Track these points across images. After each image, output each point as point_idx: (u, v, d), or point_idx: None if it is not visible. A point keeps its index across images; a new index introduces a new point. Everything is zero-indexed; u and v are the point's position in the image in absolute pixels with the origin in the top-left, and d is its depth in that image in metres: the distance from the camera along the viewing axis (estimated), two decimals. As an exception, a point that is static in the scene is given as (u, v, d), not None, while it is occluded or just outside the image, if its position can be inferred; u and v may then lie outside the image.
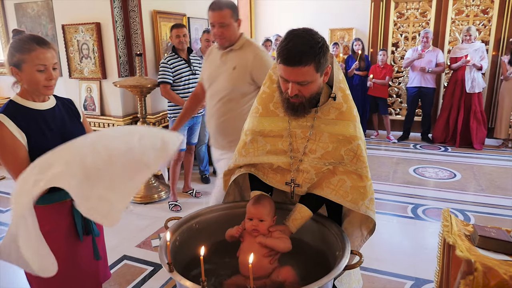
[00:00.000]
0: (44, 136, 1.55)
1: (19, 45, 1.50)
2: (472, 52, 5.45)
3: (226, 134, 2.33)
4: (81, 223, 1.67)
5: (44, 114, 1.59)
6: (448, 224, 1.37)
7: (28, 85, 1.53)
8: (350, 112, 1.56)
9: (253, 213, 1.53)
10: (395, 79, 6.65)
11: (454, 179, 4.55)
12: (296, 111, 1.51)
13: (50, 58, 1.53)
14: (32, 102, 1.57)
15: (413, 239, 3.23)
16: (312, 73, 1.39)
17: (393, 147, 5.92)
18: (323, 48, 1.38)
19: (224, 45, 2.23)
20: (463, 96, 5.60)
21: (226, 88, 2.25)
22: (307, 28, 1.43)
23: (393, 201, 3.94)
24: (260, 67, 2.20)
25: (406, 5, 6.33)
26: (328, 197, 1.56)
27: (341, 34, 6.69)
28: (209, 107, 2.38)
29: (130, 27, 4.15)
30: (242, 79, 2.22)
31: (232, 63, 2.23)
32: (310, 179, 1.57)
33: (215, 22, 2.16)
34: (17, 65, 1.51)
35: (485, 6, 5.97)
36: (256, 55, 2.22)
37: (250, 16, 7.00)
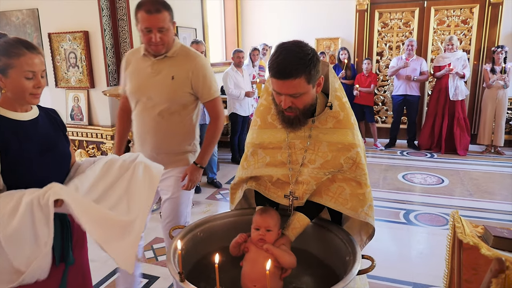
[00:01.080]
0: (24, 149, 1.40)
1: (5, 48, 1.36)
2: (455, 60, 5.61)
3: (170, 150, 2.13)
4: (59, 247, 1.49)
5: (26, 125, 1.44)
6: (460, 226, 1.38)
7: (13, 92, 1.39)
8: (348, 120, 1.56)
9: (260, 223, 1.51)
10: (380, 88, 6.78)
11: (442, 184, 4.63)
12: (291, 124, 1.52)
13: (39, 64, 1.40)
14: (13, 112, 1.42)
15: (408, 244, 3.25)
16: (304, 85, 1.39)
17: (381, 154, 6.00)
18: (313, 60, 1.38)
19: (161, 52, 1.97)
20: (447, 103, 5.74)
21: (165, 100, 2.02)
22: (296, 41, 1.43)
23: (385, 207, 3.97)
24: (202, 76, 2.04)
25: (390, 15, 6.49)
26: (327, 204, 1.56)
27: (327, 43, 6.79)
28: (141, 123, 2.10)
29: (119, 35, 4.10)
30: (182, 89, 2.03)
31: (169, 72, 2.00)
32: (310, 190, 1.56)
33: (152, 26, 1.88)
34: (3, 70, 1.36)
35: (465, 16, 6.17)
36: (197, 63, 2.03)
37: (237, 26, 7.03)
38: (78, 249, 1.61)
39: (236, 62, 5.08)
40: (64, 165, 1.55)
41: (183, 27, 5.17)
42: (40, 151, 1.44)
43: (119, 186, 1.50)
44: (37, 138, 1.45)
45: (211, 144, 2.20)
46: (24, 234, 1.27)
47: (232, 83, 5.01)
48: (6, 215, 1.26)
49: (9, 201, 1.28)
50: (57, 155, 1.51)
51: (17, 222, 1.25)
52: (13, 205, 1.27)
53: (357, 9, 6.46)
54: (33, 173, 1.41)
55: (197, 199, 4.28)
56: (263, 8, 6.96)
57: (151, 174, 1.56)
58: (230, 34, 7.08)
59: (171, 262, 1.35)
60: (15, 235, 1.25)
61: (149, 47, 1.96)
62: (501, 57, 5.51)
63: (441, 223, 3.59)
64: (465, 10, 6.14)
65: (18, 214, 1.25)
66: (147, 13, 1.85)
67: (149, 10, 1.85)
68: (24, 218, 1.26)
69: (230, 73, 5.04)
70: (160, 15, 1.86)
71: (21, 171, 1.39)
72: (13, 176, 1.37)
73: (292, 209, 1.62)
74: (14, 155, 1.36)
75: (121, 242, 1.41)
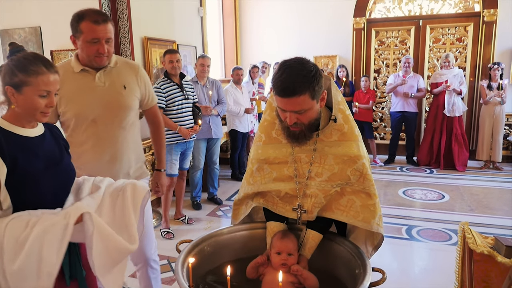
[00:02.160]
0: (31, 165, 1.38)
1: (24, 64, 1.33)
2: (452, 77, 5.69)
3: (139, 161, 2.14)
4: (68, 266, 1.48)
5: (33, 142, 1.42)
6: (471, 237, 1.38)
7: (24, 109, 1.36)
8: (352, 132, 1.58)
9: (282, 247, 1.52)
10: (378, 104, 6.84)
11: (443, 200, 4.62)
12: (297, 138, 1.54)
13: (55, 84, 1.38)
14: (21, 128, 1.40)
15: (411, 260, 3.22)
16: (308, 101, 1.41)
17: (380, 170, 6.00)
18: (316, 76, 1.41)
19: (105, 64, 1.92)
20: (445, 119, 5.79)
21: (125, 111, 1.99)
22: (299, 58, 1.45)
23: (386, 223, 3.95)
24: (146, 83, 2.10)
25: (386, 33, 6.60)
26: (339, 219, 1.56)
27: (325, 61, 6.88)
28: (104, 143, 1.98)
29: (121, 53, 4.14)
30: (135, 97, 2.04)
31: (119, 82, 1.97)
32: (319, 203, 1.57)
33: (101, 37, 1.81)
34: (17, 86, 1.33)
35: (460, 34, 6.29)
36: (140, 70, 2.08)
37: (236, 44, 7.13)
38: (87, 264, 1.56)
39: (236, 79, 5.13)
40: (69, 180, 1.54)
41: (184, 45, 5.24)
42: (45, 167, 1.42)
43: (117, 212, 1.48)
44: (43, 154, 1.44)
45: (164, 147, 2.33)
46: (30, 266, 1.24)
47: (232, 99, 5.04)
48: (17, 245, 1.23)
49: (21, 225, 1.25)
50: (62, 170, 1.50)
51: (25, 254, 1.22)
52: (25, 234, 1.24)
53: (354, 27, 6.57)
54: (39, 189, 1.39)
55: (197, 216, 4.24)
56: (262, 27, 7.07)
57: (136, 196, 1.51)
58: (229, 52, 7.16)
59: (180, 276, 1.33)
60: (22, 268, 1.23)
61: (94, 59, 1.86)
62: (498, 74, 5.60)
63: (444, 239, 3.57)
64: (459, 28, 6.27)
65: (27, 243, 1.23)
66: (94, 24, 1.79)
67: (97, 21, 1.80)
68: (34, 247, 1.23)
69: (230, 90, 5.08)
70: (107, 26, 1.83)
71: (28, 187, 1.37)
72: (19, 193, 1.35)
73: (300, 222, 1.62)
74: (21, 171, 1.35)
75: (114, 269, 1.41)
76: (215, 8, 6.85)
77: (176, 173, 3.79)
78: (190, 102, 3.81)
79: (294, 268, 1.47)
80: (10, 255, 1.23)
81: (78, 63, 1.92)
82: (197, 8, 5.78)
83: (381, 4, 6.57)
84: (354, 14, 6.53)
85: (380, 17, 6.60)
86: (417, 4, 6.40)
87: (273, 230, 1.64)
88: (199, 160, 4.34)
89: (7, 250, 1.23)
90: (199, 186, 4.46)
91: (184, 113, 3.74)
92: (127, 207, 1.47)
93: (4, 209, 1.33)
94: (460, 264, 1.48)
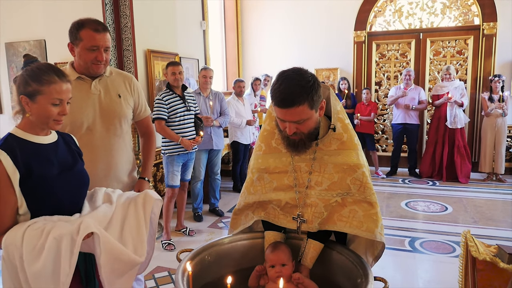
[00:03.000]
0: (46, 172, 1.42)
1: (37, 74, 1.39)
2: (453, 89, 5.71)
3: (130, 169, 2.16)
4: (84, 270, 1.53)
5: (47, 149, 1.47)
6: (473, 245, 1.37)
7: (38, 117, 1.41)
8: (351, 141, 1.58)
9: (274, 259, 1.52)
10: (379, 116, 6.85)
11: (446, 212, 4.59)
12: (296, 147, 1.54)
13: (67, 93, 1.44)
14: (35, 135, 1.45)
15: (415, 272, 3.18)
16: (307, 111, 1.42)
17: (382, 182, 5.98)
18: (314, 86, 1.41)
19: (101, 72, 1.95)
20: (447, 131, 5.78)
21: (119, 119, 2.02)
22: (297, 68, 1.46)
23: (389, 235, 3.91)
24: (140, 92, 2.15)
25: (387, 46, 6.66)
26: (342, 230, 1.56)
27: (326, 73, 6.93)
28: (100, 151, 1.98)
29: (124, 65, 4.18)
30: (128, 107, 2.07)
31: (114, 91, 2.01)
32: (319, 213, 1.56)
33: (100, 45, 1.86)
34: (31, 95, 1.38)
35: (460, 47, 6.34)
36: (133, 79, 2.13)
37: (237, 57, 7.19)
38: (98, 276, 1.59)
39: (237, 91, 5.16)
40: (83, 186, 1.57)
41: (186, 58, 5.29)
42: (59, 173, 1.46)
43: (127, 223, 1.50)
44: (57, 161, 1.48)
45: (152, 158, 2.32)
46: (47, 273, 1.27)
47: (234, 111, 5.06)
48: (35, 251, 1.26)
49: (36, 234, 1.28)
50: (76, 175, 1.53)
51: (43, 260, 1.25)
52: (41, 242, 1.27)
53: (355, 40, 6.64)
54: (55, 194, 1.43)
55: (199, 227, 4.22)
56: (263, 40, 7.15)
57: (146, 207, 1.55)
58: (231, 65, 7.23)
59: (180, 285, 1.32)
60: (39, 273, 1.26)
61: (91, 66, 1.89)
62: (499, 86, 5.61)
63: (447, 251, 3.53)
64: (460, 41, 6.31)
65: (44, 252, 1.26)
66: (95, 32, 1.84)
67: (97, 29, 1.85)
68: (49, 256, 1.26)
69: (232, 102, 5.11)
70: (106, 35, 1.88)
71: (43, 193, 1.40)
72: (36, 198, 1.39)
73: (299, 232, 1.61)
74: (35, 178, 1.38)
75: (121, 279, 1.42)
76: (217, 22, 6.95)
77: (177, 185, 3.78)
78: (192, 113, 3.83)
79: (295, 276, 1.46)
80: (29, 264, 1.26)
81: (73, 71, 1.93)
82: (199, 22, 5.86)
83: (382, 18, 6.64)
84: (354, 27, 6.60)
85: (381, 30, 6.66)
86: (417, 18, 6.47)
87: (271, 240, 1.64)
88: (200, 171, 4.34)
89: (26, 259, 1.26)
90: (200, 197, 4.45)
91: (186, 125, 3.75)
92: (139, 218, 1.50)
93: (21, 213, 1.38)
94: (463, 274, 1.46)
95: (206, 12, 5.95)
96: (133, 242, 1.44)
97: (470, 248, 1.36)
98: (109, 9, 3.97)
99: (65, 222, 1.35)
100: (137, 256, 1.40)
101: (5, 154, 1.33)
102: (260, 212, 1.69)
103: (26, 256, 1.25)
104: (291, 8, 6.90)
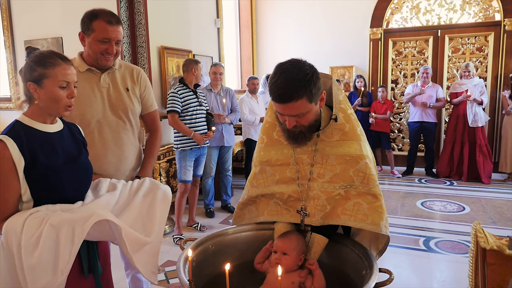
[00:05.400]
0: (51, 160, 1.43)
1: (41, 59, 1.39)
2: (472, 87, 5.55)
3: (138, 162, 2.13)
4: (86, 260, 1.53)
5: (53, 137, 1.47)
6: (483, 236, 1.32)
7: (47, 103, 1.41)
8: (354, 131, 1.54)
9: (278, 246, 1.51)
10: (396, 115, 6.73)
11: (463, 212, 4.47)
12: (296, 139, 1.50)
13: (73, 75, 1.43)
14: (42, 123, 1.44)
15: (429, 272, 3.10)
16: (306, 105, 1.38)
17: (398, 181, 5.87)
18: (313, 79, 1.36)
19: (110, 65, 1.93)
20: (466, 130, 5.63)
21: (128, 113, 2.00)
22: (294, 60, 1.40)
23: (403, 234, 3.84)
24: (147, 86, 2.10)
25: (404, 43, 6.54)
26: (347, 224, 1.52)
27: (342, 71, 6.85)
28: (104, 139, 1.96)
29: (138, 62, 4.23)
30: (136, 100, 2.05)
31: (122, 85, 1.99)
32: (321, 205, 1.53)
33: (112, 38, 1.84)
34: (37, 80, 1.38)
35: (480, 44, 6.17)
36: (142, 72, 2.09)
37: (252, 55, 7.19)
38: (102, 261, 1.60)
39: (251, 89, 5.15)
40: (86, 177, 1.58)
41: (200, 55, 5.31)
42: (64, 162, 1.47)
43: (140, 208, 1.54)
44: (62, 150, 1.48)
45: (155, 157, 2.19)
46: (45, 260, 1.27)
47: (247, 108, 5.05)
48: (33, 239, 1.27)
49: (36, 222, 1.29)
50: (80, 166, 1.54)
51: (40, 248, 1.26)
52: (40, 230, 1.28)
53: (371, 38, 6.54)
54: (59, 183, 1.43)
55: (210, 223, 4.23)
56: (278, 38, 7.12)
57: (167, 199, 1.61)
58: (246, 63, 7.23)
59: (180, 271, 1.32)
60: (37, 260, 1.26)
61: (100, 58, 1.87)
62: (520, 84, 5.44)
63: (464, 251, 3.43)
64: (479, 38, 6.15)
65: (41, 239, 1.26)
66: (108, 24, 1.82)
67: (110, 21, 1.82)
68: (47, 243, 1.27)
69: (245, 99, 5.10)
70: (119, 27, 1.86)
71: (48, 182, 1.41)
72: (40, 187, 1.40)
73: (303, 225, 1.58)
74: (41, 166, 1.39)
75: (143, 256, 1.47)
76: (232, 20, 6.96)
77: (190, 180, 3.80)
78: (203, 108, 3.84)
79: (311, 261, 1.46)
80: (28, 251, 1.26)
81: (83, 63, 1.92)
82: (213, 19, 5.88)
83: (398, 15, 6.53)
84: (370, 24, 6.51)
85: (397, 27, 6.55)
86: (435, 14, 6.33)
87: (280, 231, 1.62)
88: (211, 168, 4.35)
89: (24, 246, 1.26)
90: (211, 193, 4.46)
91: (198, 119, 3.77)
92: (154, 205, 1.55)
93: (24, 201, 1.39)
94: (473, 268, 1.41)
95: (220, 10, 5.97)
96: (142, 221, 1.48)
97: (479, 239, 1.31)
98: (124, 6, 4.03)
99: (67, 210, 1.36)
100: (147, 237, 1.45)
101: (12, 141, 1.34)
102: (263, 209, 1.67)
103: (24, 243, 1.25)
104: (306, 6, 6.86)
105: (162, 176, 4.37)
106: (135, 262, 1.43)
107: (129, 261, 1.44)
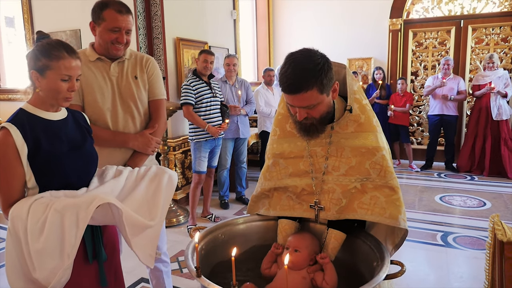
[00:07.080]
0: (55, 148, 1.44)
1: (47, 49, 1.39)
2: (496, 79, 5.37)
3: None
4: (91, 246, 1.53)
5: (56, 125, 1.48)
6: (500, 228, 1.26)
7: (48, 93, 1.42)
8: (369, 123, 1.49)
9: (291, 242, 1.50)
10: (415, 108, 6.58)
11: (484, 207, 4.34)
12: (308, 132, 1.46)
13: (76, 69, 1.43)
14: (45, 111, 1.46)
15: (446, 267, 3.03)
16: (316, 96, 1.32)
17: (416, 175, 5.75)
18: (324, 68, 1.31)
19: (120, 55, 1.94)
20: (489, 123, 5.45)
21: (137, 101, 2.00)
22: (305, 49, 1.36)
23: (421, 229, 3.76)
24: (156, 74, 2.07)
25: (425, 34, 6.36)
26: (364, 218, 1.47)
27: (360, 63, 6.73)
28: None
29: (154, 53, 4.25)
30: (144, 88, 2.04)
31: (131, 73, 1.99)
32: (337, 199, 1.49)
33: (123, 27, 1.85)
34: (41, 70, 1.39)
35: (505, 34, 5.95)
36: (152, 61, 2.07)
37: (269, 47, 7.14)
38: (109, 248, 1.61)
39: (267, 81, 5.11)
40: (91, 164, 1.58)
41: (216, 47, 5.30)
42: (68, 150, 1.47)
43: (145, 193, 1.53)
44: (66, 138, 1.49)
45: None
46: (51, 245, 1.29)
47: (263, 100, 5.03)
48: (39, 224, 1.28)
49: (41, 208, 1.31)
50: (84, 153, 1.54)
51: (46, 233, 1.28)
52: (45, 215, 1.29)
53: (390, 29, 6.39)
54: (63, 171, 1.44)
55: (225, 215, 4.24)
56: (295, 29, 7.04)
57: (171, 183, 1.61)
58: (262, 55, 7.18)
59: (189, 259, 1.32)
60: (44, 245, 1.28)
61: (111, 47, 1.87)
62: (546, 75, 5.22)
63: (482, 247, 3.33)
64: (505, 28, 5.92)
65: (47, 224, 1.28)
66: (118, 13, 1.83)
67: (121, 11, 1.83)
68: (53, 228, 1.29)
69: (261, 91, 5.07)
70: (129, 17, 1.87)
71: (52, 169, 1.42)
72: (45, 174, 1.41)
73: (318, 220, 1.55)
74: (45, 154, 1.40)
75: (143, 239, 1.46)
76: (248, 11, 6.91)
77: (204, 170, 3.81)
78: (218, 100, 3.84)
79: (323, 255, 1.43)
80: (34, 236, 1.28)
81: (93, 52, 1.93)
82: (230, 11, 5.85)
83: (419, 5, 6.35)
84: (390, 15, 6.36)
85: (418, 17, 6.37)
86: (458, 4, 6.13)
87: (284, 228, 1.60)
88: (226, 160, 4.35)
89: (30, 232, 1.28)
90: (226, 185, 4.47)
91: (212, 111, 3.77)
92: (159, 190, 1.54)
93: (30, 187, 1.41)
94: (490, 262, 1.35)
95: (237, 1, 5.93)
96: (148, 206, 1.48)
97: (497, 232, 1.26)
98: (140, -3, 4.04)
99: (71, 197, 1.37)
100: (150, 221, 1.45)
101: (15, 128, 1.36)
102: (276, 203, 1.64)
103: (30, 228, 1.28)
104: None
105: (177, 167, 4.40)
106: (133, 246, 1.42)
107: (128, 244, 1.43)
